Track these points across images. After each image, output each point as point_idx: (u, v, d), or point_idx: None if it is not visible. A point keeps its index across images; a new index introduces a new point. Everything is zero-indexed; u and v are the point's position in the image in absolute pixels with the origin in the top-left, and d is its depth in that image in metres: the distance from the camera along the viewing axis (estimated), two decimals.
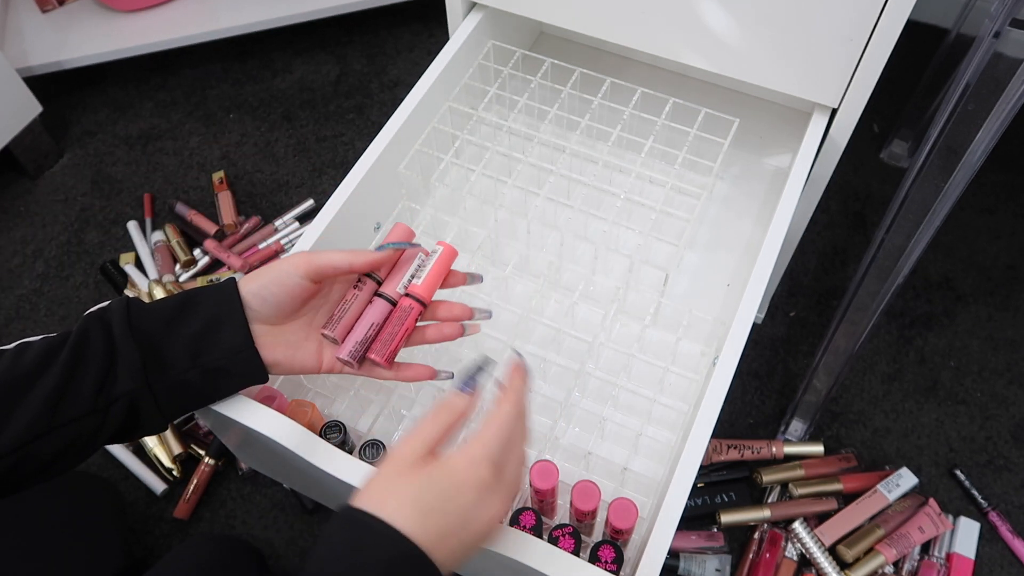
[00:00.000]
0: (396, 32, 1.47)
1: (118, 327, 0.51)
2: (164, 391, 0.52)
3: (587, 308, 0.77)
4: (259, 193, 1.27)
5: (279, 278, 0.54)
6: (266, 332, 0.55)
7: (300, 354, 0.56)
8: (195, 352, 0.52)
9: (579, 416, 0.72)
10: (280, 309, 0.54)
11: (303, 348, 0.57)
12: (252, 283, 0.54)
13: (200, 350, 0.52)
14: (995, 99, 0.58)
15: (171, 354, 0.52)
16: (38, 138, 1.27)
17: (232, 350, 0.53)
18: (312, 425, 0.64)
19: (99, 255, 1.21)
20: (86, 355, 0.50)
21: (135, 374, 0.51)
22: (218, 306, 0.53)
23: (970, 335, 1.10)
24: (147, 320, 0.52)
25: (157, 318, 0.52)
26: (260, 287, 0.54)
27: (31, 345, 0.51)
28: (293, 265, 0.54)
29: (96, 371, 0.50)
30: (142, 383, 0.51)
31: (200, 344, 0.52)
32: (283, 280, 0.54)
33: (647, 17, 0.75)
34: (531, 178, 0.80)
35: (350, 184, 0.73)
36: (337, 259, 0.54)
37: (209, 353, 0.53)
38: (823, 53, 0.70)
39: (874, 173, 1.26)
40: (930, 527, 0.91)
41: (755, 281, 0.67)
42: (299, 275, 0.53)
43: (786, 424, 1.01)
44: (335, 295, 0.58)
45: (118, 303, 0.53)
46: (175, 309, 0.53)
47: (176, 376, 0.52)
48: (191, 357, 0.52)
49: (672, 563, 0.91)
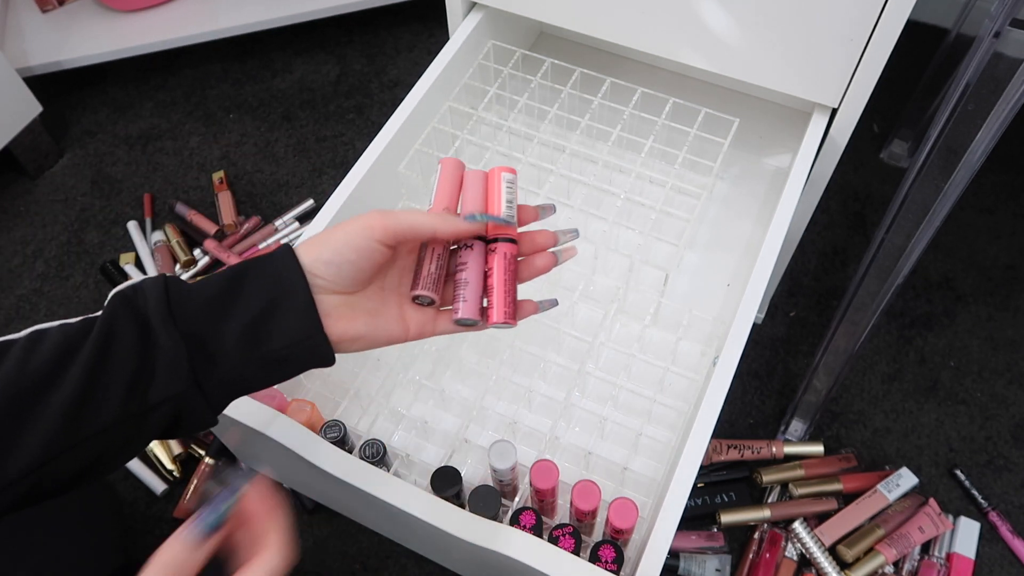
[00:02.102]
0: (396, 32, 1.47)
1: (156, 316, 0.43)
2: (215, 389, 0.44)
3: (587, 308, 0.77)
4: (259, 193, 1.27)
5: (354, 242, 0.46)
6: (340, 303, 0.46)
7: (383, 322, 0.48)
8: (252, 342, 0.44)
9: (579, 416, 0.72)
10: (357, 278, 0.46)
11: (384, 315, 0.49)
12: (322, 250, 0.46)
13: (258, 339, 0.44)
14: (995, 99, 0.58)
15: (223, 346, 0.44)
16: (38, 138, 1.27)
17: (297, 338, 0.45)
18: (312, 425, 0.64)
19: (99, 255, 1.21)
20: (113, 351, 0.42)
21: (182, 375, 0.43)
22: (277, 283, 0.45)
23: (970, 335, 1.10)
24: (191, 306, 0.44)
25: (203, 303, 0.44)
26: (332, 254, 0.45)
27: (45, 335, 0.42)
28: (367, 227, 0.46)
29: (127, 371, 0.42)
30: (190, 384, 0.43)
31: (258, 332, 0.44)
32: (360, 245, 0.45)
33: (647, 17, 0.75)
34: (531, 178, 0.80)
35: (350, 184, 0.73)
36: (419, 223, 0.47)
37: (269, 342, 0.44)
38: (823, 53, 0.70)
39: (874, 173, 1.26)
40: (930, 527, 0.91)
41: (755, 281, 0.67)
42: (376, 239, 0.46)
43: (786, 424, 1.01)
44: (402, 250, 0.50)
45: (153, 283, 0.44)
46: (224, 290, 0.44)
47: (229, 371, 0.44)
48: (247, 348, 0.44)
49: (672, 563, 0.91)
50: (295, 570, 0.47)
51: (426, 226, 0.47)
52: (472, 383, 0.75)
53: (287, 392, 0.69)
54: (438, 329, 0.50)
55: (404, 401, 0.73)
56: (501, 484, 0.64)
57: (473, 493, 0.60)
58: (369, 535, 0.96)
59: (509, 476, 0.63)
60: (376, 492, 0.57)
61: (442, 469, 0.62)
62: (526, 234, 0.51)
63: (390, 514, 0.59)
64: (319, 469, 0.58)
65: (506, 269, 0.49)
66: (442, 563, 0.80)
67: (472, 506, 0.59)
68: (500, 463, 0.61)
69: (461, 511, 0.56)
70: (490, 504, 0.60)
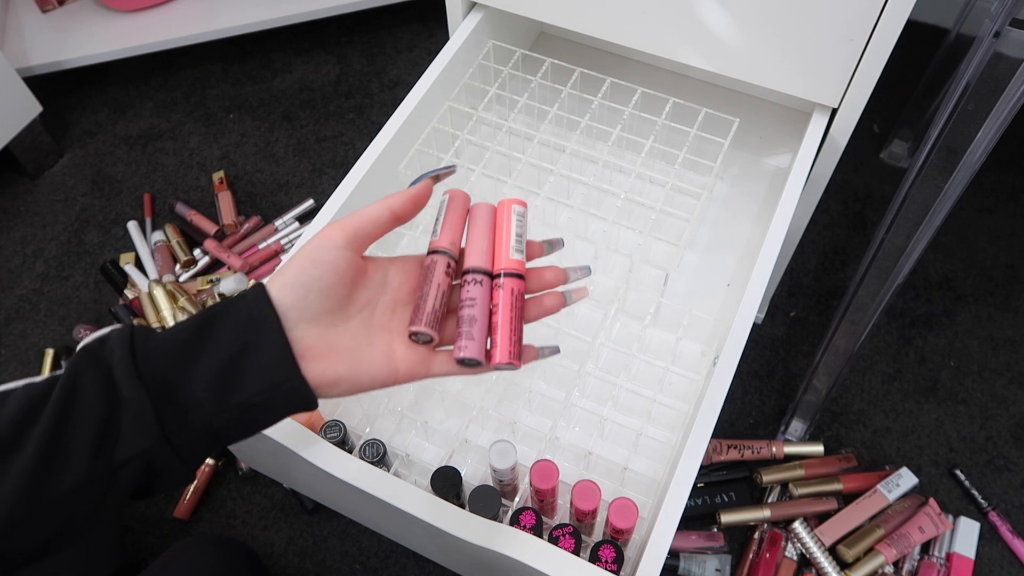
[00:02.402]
0: (396, 32, 1.47)
1: (120, 368, 0.40)
2: (187, 442, 0.41)
3: (587, 308, 0.77)
4: (259, 193, 1.27)
5: (315, 256, 0.42)
6: (317, 340, 0.42)
7: (365, 363, 0.43)
8: (223, 390, 0.40)
9: (579, 416, 0.72)
10: (329, 297, 0.42)
11: (366, 354, 0.44)
12: (284, 276, 0.42)
13: (230, 387, 0.41)
14: (995, 99, 0.58)
15: (193, 395, 0.40)
16: (38, 138, 1.27)
17: (274, 380, 0.41)
18: (312, 425, 0.64)
19: (99, 255, 1.21)
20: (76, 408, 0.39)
21: (148, 429, 0.39)
22: (247, 324, 0.41)
23: (970, 335, 1.10)
24: (157, 355, 0.40)
25: (170, 350, 0.41)
26: (295, 275, 0.42)
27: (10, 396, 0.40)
28: (326, 237, 0.43)
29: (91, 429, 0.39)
30: (158, 438, 0.40)
31: (229, 379, 0.41)
32: (322, 258, 0.42)
33: (647, 17, 0.75)
34: (531, 178, 0.80)
35: (350, 184, 0.73)
36: (374, 212, 0.44)
37: (242, 389, 0.41)
38: (823, 53, 0.70)
39: (874, 173, 1.26)
40: (930, 527, 0.91)
41: (755, 281, 0.67)
42: (337, 246, 0.42)
43: (786, 424, 1.01)
44: (392, 281, 0.46)
45: (118, 335, 0.41)
46: (192, 336, 0.41)
47: (200, 422, 0.40)
48: (219, 398, 0.40)
49: (672, 563, 0.91)
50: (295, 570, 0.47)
51: (382, 210, 0.44)
52: (472, 383, 0.75)
53: None
54: (433, 370, 0.45)
55: (404, 401, 0.73)
56: (501, 484, 0.64)
57: (473, 493, 0.60)
58: (369, 535, 0.96)
59: (509, 476, 0.63)
60: (376, 492, 0.57)
61: (442, 469, 0.62)
62: (534, 270, 0.48)
63: (390, 514, 0.59)
64: (319, 469, 0.58)
65: (513, 306, 0.46)
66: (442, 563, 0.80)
67: (472, 506, 0.59)
68: (500, 463, 0.61)
69: (461, 511, 0.56)
70: (490, 504, 0.60)
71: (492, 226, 0.48)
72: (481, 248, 0.47)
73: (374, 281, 0.46)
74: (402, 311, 0.46)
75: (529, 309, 0.47)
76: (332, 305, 0.43)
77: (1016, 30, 0.56)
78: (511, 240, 0.47)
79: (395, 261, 0.47)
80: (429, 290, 0.45)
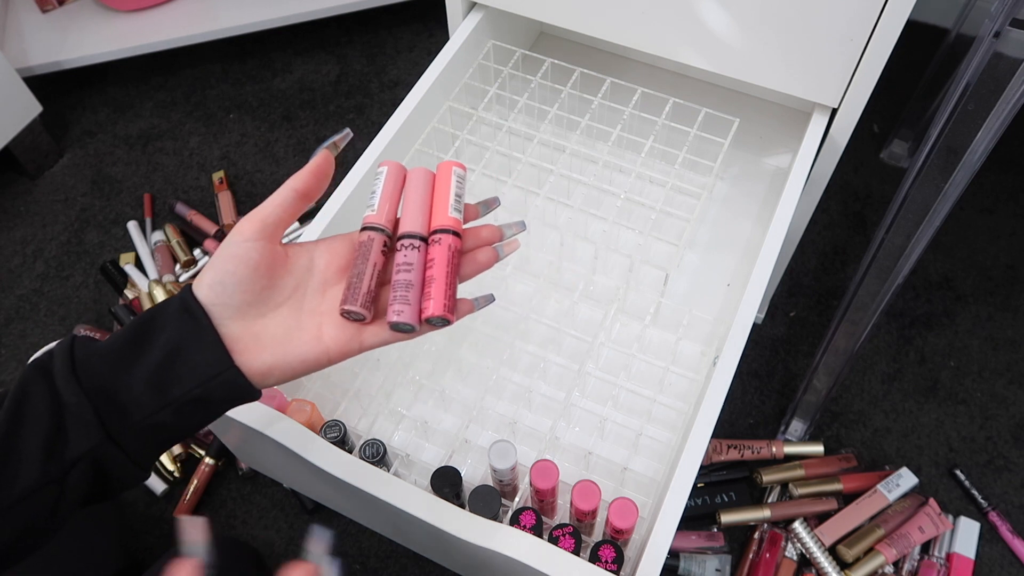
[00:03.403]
0: (396, 32, 1.47)
1: (60, 376, 0.42)
2: (133, 440, 0.43)
3: (587, 308, 0.77)
4: (259, 193, 1.27)
5: (228, 252, 0.44)
6: (245, 333, 0.44)
7: (293, 347, 0.45)
8: (161, 388, 0.43)
9: (579, 416, 0.72)
10: (247, 290, 0.44)
11: (295, 339, 0.45)
12: (205, 276, 0.44)
13: (166, 384, 0.43)
14: (995, 99, 0.58)
15: (131, 396, 0.42)
16: (38, 138, 1.27)
17: (209, 373, 0.43)
18: (312, 425, 0.64)
19: (99, 255, 1.21)
20: (26, 416, 0.41)
21: (90, 430, 0.42)
22: (178, 323, 0.43)
23: (970, 335, 1.10)
24: (95, 361, 0.43)
25: (107, 356, 0.43)
26: (213, 274, 0.44)
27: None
28: (236, 232, 0.44)
29: (42, 434, 0.41)
30: (101, 438, 0.42)
31: (165, 376, 0.43)
32: (234, 253, 0.44)
33: (647, 17, 0.75)
34: (531, 178, 0.80)
35: (350, 184, 0.73)
36: (278, 197, 0.45)
37: (179, 384, 0.43)
38: (823, 53, 0.70)
39: (874, 173, 1.26)
40: (930, 527, 0.91)
41: (755, 281, 0.67)
42: (247, 239, 0.44)
43: (786, 424, 1.01)
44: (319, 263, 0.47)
45: (60, 346, 0.43)
46: (128, 340, 0.43)
47: (144, 420, 0.43)
48: (157, 395, 0.43)
49: (672, 563, 0.91)
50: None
51: (286, 193, 0.45)
52: (472, 383, 0.75)
53: (287, 392, 0.69)
54: (365, 344, 0.46)
55: (404, 401, 0.73)
56: (501, 484, 0.64)
57: (473, 493, 0.60)
58: (369, 535, 0.96)
59: (509, 476, 0.63)
60: (376, 492, 0.57)
61: (442, 469, 0.62)
62: (471, 229, 0.49)
63: (390, 514, 0.59)
64: (319, 469, 0.58)
65: (449, 262, 0.46)
66: (442, 563, 0.80)
67: (472, 506, 0.59)
68: (500, 463, 0.61)
69: (461, 511, 0.56)
70: (490, 504, 0.60)
71: (431, 191, 0.49)
72: (418, 213, 0.47)
73: (298, 266, 0.47)
74: (332, 292, 0.47)
75: (463, 266, 0.48)
76: (252, 297, 0.44)
77: (1016, 30, 0.57)
78: (450, 199, 0.48)
79: (319, 244, 0.48)
80: (365, 269, 0.45)
